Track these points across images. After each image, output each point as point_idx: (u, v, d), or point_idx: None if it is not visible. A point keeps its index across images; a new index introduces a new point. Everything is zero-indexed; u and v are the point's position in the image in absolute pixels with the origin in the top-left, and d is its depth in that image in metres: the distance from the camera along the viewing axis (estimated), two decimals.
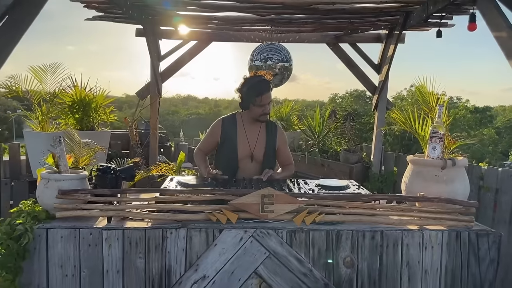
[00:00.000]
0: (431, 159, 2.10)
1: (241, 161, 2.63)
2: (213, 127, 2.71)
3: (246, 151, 2.63)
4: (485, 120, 30.60)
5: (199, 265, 1.83)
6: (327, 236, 1.87)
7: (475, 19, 2.33)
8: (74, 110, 3.91)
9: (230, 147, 2.63)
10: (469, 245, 1.93)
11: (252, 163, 2.64)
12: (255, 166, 2.65)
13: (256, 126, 2.67)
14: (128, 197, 1.97)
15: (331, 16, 3.53)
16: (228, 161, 2.64)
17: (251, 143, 2.64)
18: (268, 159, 2.66)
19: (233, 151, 2.62)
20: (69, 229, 1.80)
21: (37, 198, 1.94)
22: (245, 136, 2.64)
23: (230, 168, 2.59)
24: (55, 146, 1.99)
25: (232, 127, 2.66)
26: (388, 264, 1.90)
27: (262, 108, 2.54)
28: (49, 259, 1.80)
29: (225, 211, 1.86)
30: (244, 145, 2.63)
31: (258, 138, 2.65)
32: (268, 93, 2.52)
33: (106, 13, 3.65)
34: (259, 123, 2.67)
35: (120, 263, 1.82)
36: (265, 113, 2.57)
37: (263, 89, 2.51)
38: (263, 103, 2.53)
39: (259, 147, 2.64)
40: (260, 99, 2.51)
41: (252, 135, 2.65)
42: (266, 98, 2.52)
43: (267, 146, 2.65)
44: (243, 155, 2.63)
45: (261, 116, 2.58)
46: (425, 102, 2.28)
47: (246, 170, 2.64)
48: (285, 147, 2.77)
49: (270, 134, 2.68)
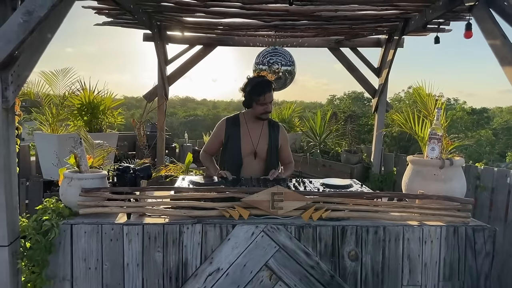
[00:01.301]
0: (430, 159, 2.23)
1: (245, 158, 2.74)
2: (218, 127, 2.84)
3: (249, 149, 2.74)
4: (482, 121, 30.77)
5: (213, 258, 1.96)
6: (333, 231, 2.00)
7: (471, 27, 2.47)
8: (82, 113, 4.02)
9: (234, 145, 2.74)
10: (466, 239, 2.06)
11: (256, 160, 2.75)
12: (258, 163, 2.76)
13: (259, 125, 2.78)
14: (147, 194, 2.09)
15: (333, 22, 3.66)
16: (232, 159, 2.74)
17: (254, 141, 2.75)
18: (271, 156, 2.77)
19: (237, 148, 2.73)
20: (92, 224, 1.92)
21: (60, 196, 2.06)
22: (248, 134, 2.75)
23: (234, 165, 2.71)
24: (76, 147, 2.11)
25: (235, 126, 2.78)
26: (390, 257, 2.03)
27: (264, 107, 2.67)
28: (74, 253, 1.92)
29: (237, 207, 1.98)
30: (247, 143, 2.74)
31: (261, 136, 2.76)
32: (269, 93, 2.65)
33: (116, 19, 3.76)
34: (261, 122, 2.78)
35: (139, 257, 1.94)
36: (266, 111, 2.69)
37: (264, 88, 2.64)
38: (265, 102, 2.65)
39: (262, 144, 2.75)
40: (263, 98, 2.63)
41: (255, 133, 2.76)
42: (268, 97, 2.65)
43: (270, 143, 2.77)
44: (246, 152, 2.74)
45: (262, 114, 2.70)
46: (423, 104, 2.41)
47: (250, 167, 2.75)
48: (287, 146, 2.90)
49: (273, 132, 2.81)
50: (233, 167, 2.69)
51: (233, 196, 2.04)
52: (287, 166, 2.92)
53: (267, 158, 2.76)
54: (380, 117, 4.66)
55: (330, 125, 5.41)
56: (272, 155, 2.79)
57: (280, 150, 2.86)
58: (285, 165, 2.93)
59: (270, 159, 2.76)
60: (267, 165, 2.74)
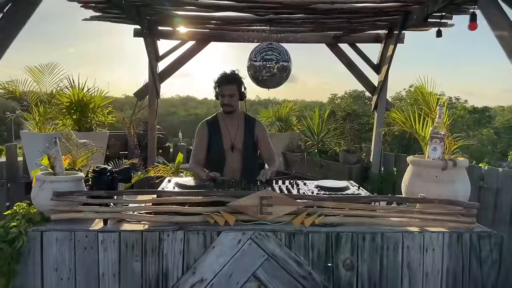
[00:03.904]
0: (432, 160, 2.08)
1: (227, 152, 2.86)
2: (199, 131, 2.93)
3: (228, 143, 2.87)
4: (484, 120, 30.65)
5: (196, 268, 1.80)
6: (327, 238, 1.85)
7: (475, 18, 2.31)
8: (71, 111, 3.88)
9: (216, 142, 2.86)
10: (470, 247, 1.91)
11: (234, 153, 2.85)
12: (237, 156, 2.86)
13: (235, 120, 2.90)
14: (125, 199, 1.94)
15: (330, 16, 3.51)
16: (216, 155, 2.86)
17: (232, 135, 2.88)
18: (247, 149, 2.87)
19: (219, 144, 2.86)
20: (64, 231, 1.78)
21: (32, 200, 1.91)
22: (226, 130, 2.89)
23: (218, 162, 2.83)
24: (51, 147, 1.96)
25: (215, 125, 2.91)
26: (388, 267, 1.88)
27: (222, 99, 2.79)
28: (44, 262, 1.77)
29: (223, 213, 1.83)
30: (226, 138, 2.87)
31: (237, 130, 2.88)
32: (227, 86, 2.76)
33: (103, 13, 3.61)
34: (238, 118, 2.90)
35: (116, 267, 1.79)
36: (224, 103, 2.80)
37: (223, 80, 2.78)
38: (223, 94, 2.78)
39: (239, 138, 2.87)
40: (221, 90, 2.78)
41: (232, 128, 2.89)
42: (226, 90, 2.76)
43: (245, 137, 2.88)
44: (227, 147, 2.86)
45: (222, 106, 2.83)
46: (425, 102, 2.26)
47: (232, 161, 2.85)
48: (266, 141, 2.95)
49: (248, 126, 2.91)
50: (218, 164, 2.80)
51: (219, 200, 1.89)
52: (269, 163, 2.94)
53: (244, 150, 2.86)
54: (379, 116, 4.50)
55: (328, 124, 5.26)
56: (249, 149, 2.88)
57: (260, 145, 2.94)
58: (267, 161, 2.99)
59: (246, 151, 2.87)
60: (246, 158, 2.86)
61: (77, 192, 1.85)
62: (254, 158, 2.96)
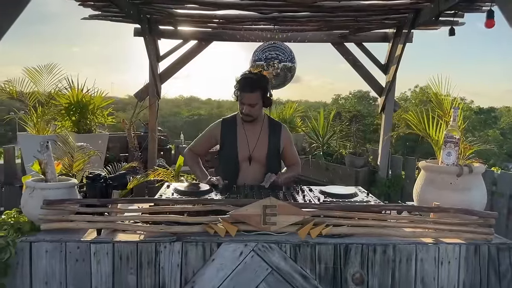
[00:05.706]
0: (446, 166, 1.96)
1: (242, 163, 2.48)
2: (212, 128, 2.58)
3: (245, 154, 2.48)
4: (490, 121, 30.34)
5: (195, 282, 1.69)
6: (335, 250, 1.73)
7: (493, 15, 2.18)
8: (70, 112, 3.80)
9: (230, 149, 2.49)
10: (489, 260, 1.78)
11: (251, 166, 2.48)
12: (255, 169, 2.48)
13: (257, 126, 2.50)
14: (120, 207, 1.82)
15: (337, 14, 3.39)
16: (228, 164, 2.50)
17: (251, 144, 2.48)
18: (271, 162, 2.50)
19: (233, 153, 2.47)
20: (55, 242, 1.66)
21: (22, 208, 1.80)
22: (244, 137, 2.49)
23: (230, 172, 2.46)
24: (42, 152, 1.86)
25: (232, 128, 2.51)
26: (401, 281, 1.75)
27: (242, 106, 2.40)
28: (33, 275, 1.66)
29: (223, 222, 1.71)
30: (244, 147, 2.48)
31: (259, 139, 2.48)
32: (247, 94, 2.36)
33: (102, 12, 3.51)
34: (260, 123, 2.51)
35: (109, 280, 1.68)
36: (242, 112, 2.42)
37: (243, 87, 2.37)
38: (242, 102, 2.39)
39: (260, 148, 2.48)
40: (240, 97, 2.39)
41: (252, 135, 2.49)
42: (245, 99, 2.38)
43: (269, 147, 2.49)
44: (243, 157, 2.48)
45: (241, 114, 2.45)
46: (439, 104, 2.13)
47: (247, 173, 2.48)
48: (291, 147, 2.61)
49: (273, 134, 2.52)
50: (229, 173, 2.43)
51: (220, 209, 1.77)
52: (291, 168, 2.63)
53: (266, 164, 2.48)
54: (387, 117, 4.37)
55: (333, 125, 5.13)
56: (272, 161, 2.51)
57: (285, 152, 2.59)
58: (289, 166, 2.65)
59: (270, 165, 2.49)
60: (266, 172, 2.43)
61: (69, 200, 1.74)
62: (278, 171, 2.52)
